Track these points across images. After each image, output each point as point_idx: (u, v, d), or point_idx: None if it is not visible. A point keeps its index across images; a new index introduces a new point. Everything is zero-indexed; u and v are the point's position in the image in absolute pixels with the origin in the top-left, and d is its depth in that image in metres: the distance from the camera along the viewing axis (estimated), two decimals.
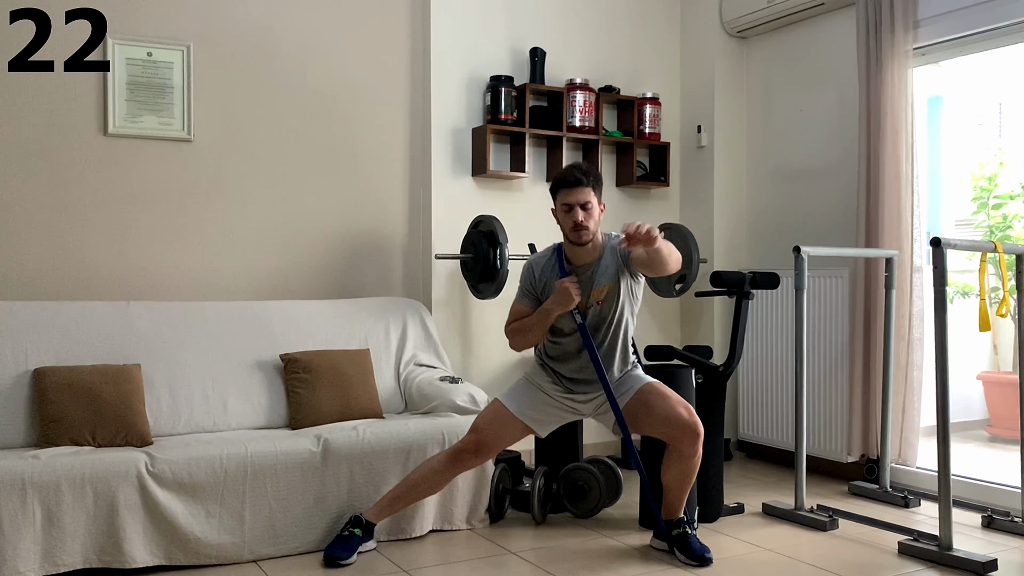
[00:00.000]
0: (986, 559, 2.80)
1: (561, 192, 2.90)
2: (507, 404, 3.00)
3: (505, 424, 2.98)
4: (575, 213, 2.87)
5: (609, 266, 2.94)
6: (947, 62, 3.92)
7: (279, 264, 3.92)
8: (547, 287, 2.96)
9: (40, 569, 2.61)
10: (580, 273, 2.94)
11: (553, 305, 2.88)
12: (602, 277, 2.93)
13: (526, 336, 2.96)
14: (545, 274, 2.98)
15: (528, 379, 3.08)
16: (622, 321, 2.99)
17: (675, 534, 2.98)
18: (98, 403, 2.96)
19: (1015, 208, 5.42)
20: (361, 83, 4.10)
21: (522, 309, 3.00)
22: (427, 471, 2.97)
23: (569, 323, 2.95)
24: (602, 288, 2.92)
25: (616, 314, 2.96)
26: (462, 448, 2.97)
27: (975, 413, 5.34)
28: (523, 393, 3.04)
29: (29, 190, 3.45)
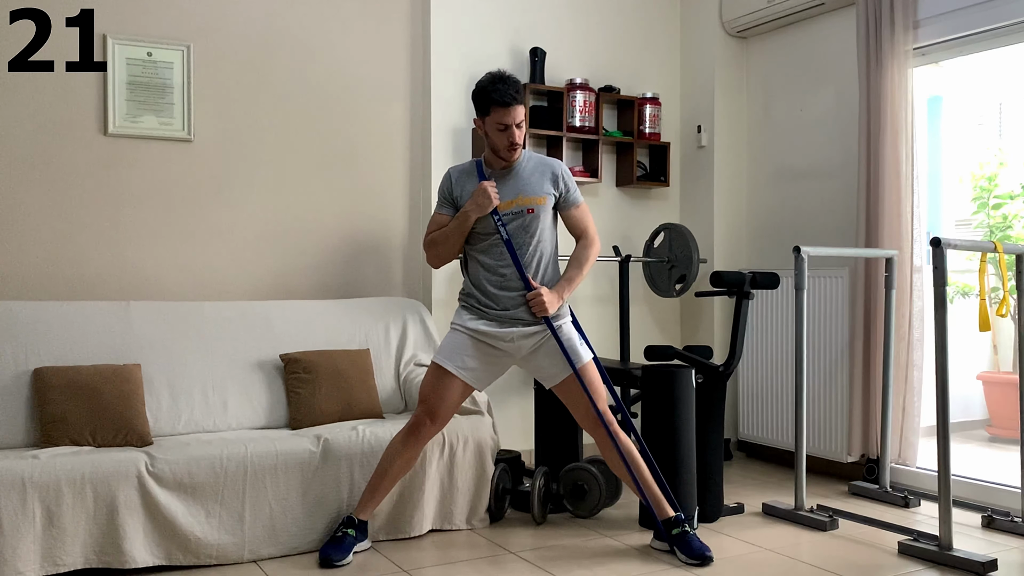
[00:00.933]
0: (986, 559, 2.80)
1: (497, 111, 2.86)
2: (442, 363, 2.96)
3: (447, 385, 2.96)
4: (511, 133, 2.88)
5: (536, 177, 2.97)
6: (947, 62, 3.92)
7: (279, 264, 3.92)
8: (465, 193, 2.97)
9: (40, 569, 2.61)
10: (499, 177, 2.97)
11: (471, 207, 2.90)
12: (527, 183, 2.95)
13: (444, 245, 2.96)
14: (462, 180, 2.99)
15: (454, 326, 3.03)
16: (546, 232, 2.99)
17: (675, 533, 2.98)
18: (98, 403, 2.96)
19: (1015, 208, 5.42)
20: (361, 83, 4.10)
21: (441, 219, 3.00)
22: (391, 454, 2.96)
23: (488, 227, 2.93)
24: (534, 198, 2.94)
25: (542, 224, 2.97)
26: (415, 422, 2.96)
27: (975, 413, 5.34)
28: (452, 344, 2.99)
29: (29, 190, 3.45)
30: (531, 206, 2.94)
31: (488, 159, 3.01)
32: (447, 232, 2.95)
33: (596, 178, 4.43)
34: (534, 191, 2.96)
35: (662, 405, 3.24)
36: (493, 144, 2.94)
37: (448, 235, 2.95)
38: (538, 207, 2.95)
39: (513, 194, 2.95)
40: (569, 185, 3.02)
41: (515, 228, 2.94)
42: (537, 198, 2.95)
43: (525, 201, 2.94)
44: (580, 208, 3.04)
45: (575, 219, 3.03)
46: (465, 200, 2.95)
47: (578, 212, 3.04)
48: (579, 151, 4.54)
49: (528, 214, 2.94)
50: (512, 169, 2.98)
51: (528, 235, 2.95)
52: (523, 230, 2.94)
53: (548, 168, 3.01)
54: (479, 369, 2.99)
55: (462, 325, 3.00)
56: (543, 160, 3.04)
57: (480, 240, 2.97)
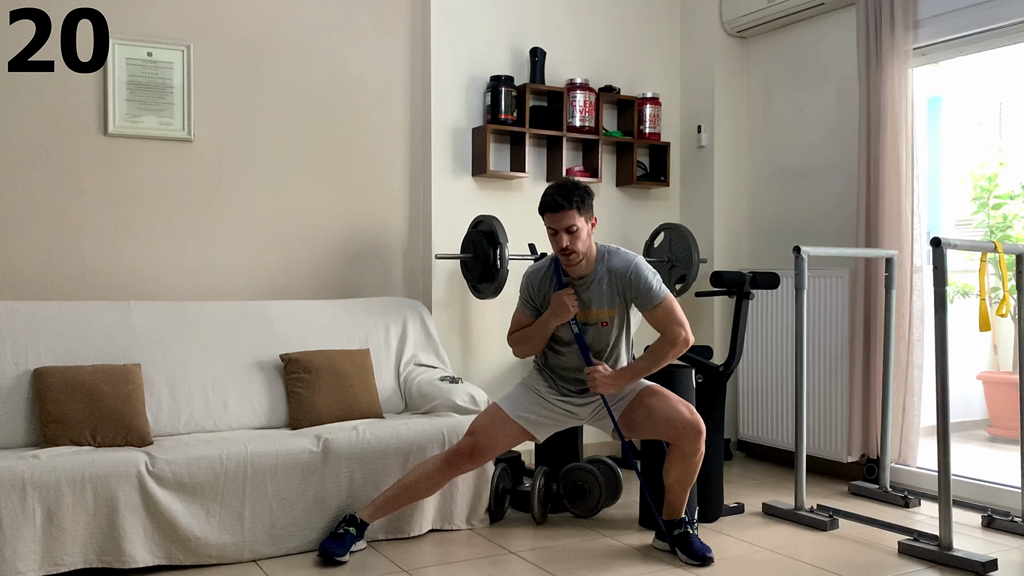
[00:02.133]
0: (986, 559, 2.80)
1: (546, 216, 2.87)
2: (504, 407, 3.01)
3: (502, 427, 2.98)
4: (560, 238, 2.85)
5: (607, 287, 2.92)
6: (947, 62, 3.92)
7: (279, 264, 3.92)
8: (545, 299, 2.98)
9: (40, 569, 2.61)
10: (577, 285, 2.95)
11: (551, 317, 2.92)
12: (600, 295, 2.92)
13: (527, 345, 3.01)
14: (543, 286, 2.99)
15: (525, 383, 3.09)
16: (620, 338, 3.00)
17: (676, 534, 2.98)
18: (98, 403, 2.96)
19: (1015, 208, 5.42)
20: (361, 83, 4.10)
21: (522, 319, 3.03)
22: (422, 473, 2.97)
23: (568, 333, 2.96)
24: (604, 311, 2.93)
25: (616, 335, 2.98)
26: (457, 451, 2.96)
27: (975, 413, 5.34)
28: (520, 397, 3.04)
29: (29, 190, 3.45)
30: (604, 320, 2.94)
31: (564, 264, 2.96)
32: (529, 335, 2.99)
33: (596, 178, 4.43)
34: (606, 303, 2.93)
35: None
36: (553, 248, 2.92)
37: (531, 338, 2.99)
38: (611, 319, 2.94)
39: (587, 305, 2.93)
40: (640, 288, 2.88)
41: (591, 336, 2.96)
42: (610, 311, 2.93)
43: (598, 315, 2.93)
44: (659, 309, 2.88)
45: (654, 320, 2.91)
46: (545, 304, 2.97)
47: (657, 313, 2.88)
48: (579, 151, 4.54)
49: (602, 327, 2.95)
50: (590, 275, 2.93)
51: (603, 343, 2.97)
52: (598, 338, 2.96)
53: (619, 276, 2.91)
54: (541, 423, 3.03)
55: (533, 386, 3.05)
56: (616, 266, 2.92)
57: (561, 343, 2.99)
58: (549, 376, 3.06)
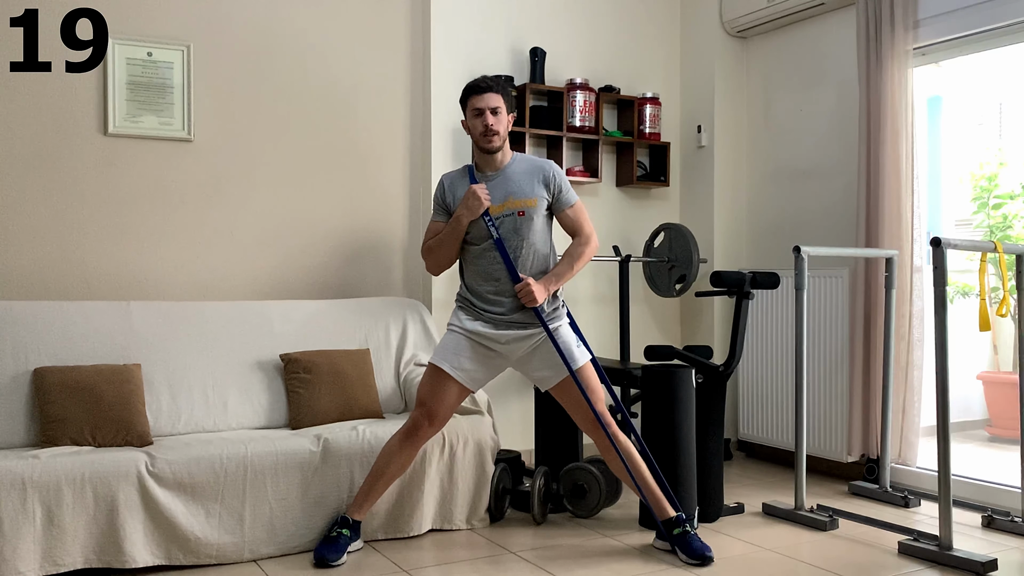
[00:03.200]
0: (986, 559, 2.80)
1: (472, 98, 2.94)
2: (438, 364, 2.96)
3: (445, 387, 2.96)
4: (485, 117, 2.92)
5: (524, 176, 2.98)
6: (947, 62, 3.92)
7: (279, 264, 3.92)
8: (457, 198, 2.99)
9: (40, 569, 2.61)
10: (490, 180, 2.98)
11: (463, 211, 2.92)
12: (518, 186, 2.96)
13: (440, 250, 2.99)
14: (455, 185, 3.02)
15: (450, 327, 3.04)
16: (540, 230, 2.99)
17: (676, 533, 2.98)
18: (98, 403, 2.96)
19: (1015, 208, 5.42)
20: (361, 83, 4.10)
21: (436, 226, 3.03)
22: (387, 455, 2.96)
23: (481, 230, 2.94)
24: (524, 200, 2.95)
25: (534, 225, 2.96)
26: (413, 425, 2.96)
27: (975, 413, 5.34)
28: (449, 345, 2.99)
29: (29, 190, 3.45)
30: (521, 208, 2.94)
31: (478, 163, 3.02)
32: (442, 238, 2.98)
33: (596, 178, 4.43)
34: (524, 193, 2.96)
35: (662, 405, 3.24)
36: (473, 135, 2.97)
37: (443, 240, 2.97)
38: (529, 209, 2.95)
39: (503, 197, 2.95)
40: (561, 186, 3.01)
41: (507, 230, 2.94)
42: (528, 200, 2.95)
43: (515, 204, 2.95)
44: (574, 208, 3.03)
45: (569, 219, 3.03)
46: (458, 205, 2.97)
47: (571, 212, 3.03)
48: (579, 151, 4.54)
49: (519, 216, 2.94)
50: (502, 171, 2.99)
51: (520, 237, 2.95)
52: (514, 232, 2.94)
53: (539, 170, 3.01)
54: (475, 370, 2.99)
55: (459, 326, 3.00)
56: (534, 162, 3.03)
57: (475, 245, 2.97)
58: (472, 307, 3.00)
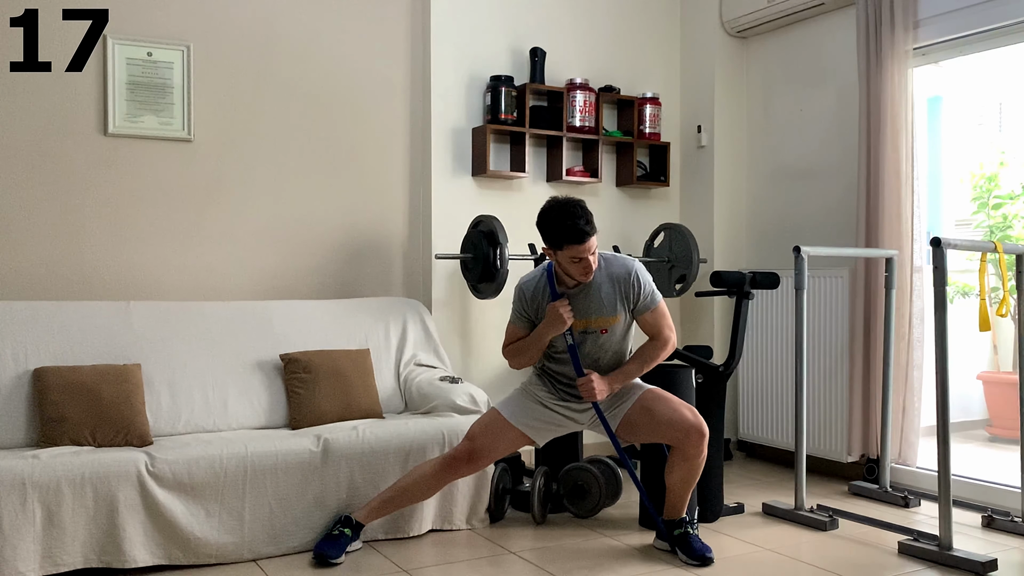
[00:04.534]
0: (986, 559, 2.80)
1: (570, 248, 2.77)
2: (503, 411, 2.99)
3: (501, 432, 2.97)
4: (586, 263, 2.80)
5: (609, 294, 2.90)
6: (947, 62, 3.92)
7: (279, 264, 3.92)
8: (540, 310, 2.94)
9: (40, 569, 2.61)
10: (571, 295, 2.92)
11: (546, 328, 2.88)
12: (600, 303, 2.90)
13: (523, 357, 2.97)
14: (536, 298, 2.94)
15: (525, 389, 3.07)
16: (623, 345, 3.00)
17: (677, 534, 2.98)
18: (98, 403, 2.96)
19: (1015, 208, 5.42)
20: (361, 83, 4.10)
21: (517, 331, 2.99)
22: (419, 476, 2.96)
23: (563, 343, 2.94)
24: (607, 319, 2.91)
25: (618, 341, 2.97)
26: (455, 455, 2.95)
27: (975, 413, 5.34)
28: (519, 402, 3.03)
29: (29, 190, 3.45)
30: (604, 327, 2.92)
31: (559, 274, 2.92)
32: (524, 347, 2.95)
33: (596, 178, 4.43)
34: (607, 311, 2.90)
35: None
36: (567, 271, 2.85)
37: (526, 350, 2.95)
38: (612, 327, 2.92)
39: (586, 313, 2.90)
40: (642, 293, 2.91)
41: (589, 345, 2.93)
42: (610, 319, 2.91)
43: (598, 323, 2.91)
44: (654, 312, 2.93)
45: (648, 323, 2.95)
46: (540, 316, 2.93)
47: (651, 316, 2.93)
48: (579, 151, 4.54)
49: (602, 334, 2.93)
50: (584, 286, 2.91)
51: (602, 350, 2.95)
52: (597, 346, 2.94)
53: (622, 282, 2.90)
54: (541, 428, 3.01)
55: (533, 392, 3.03)
56: (614, 272, 2.91)
57: (557, 352, 2.97)
58: (548, 381, 3.04)
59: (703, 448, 2.91)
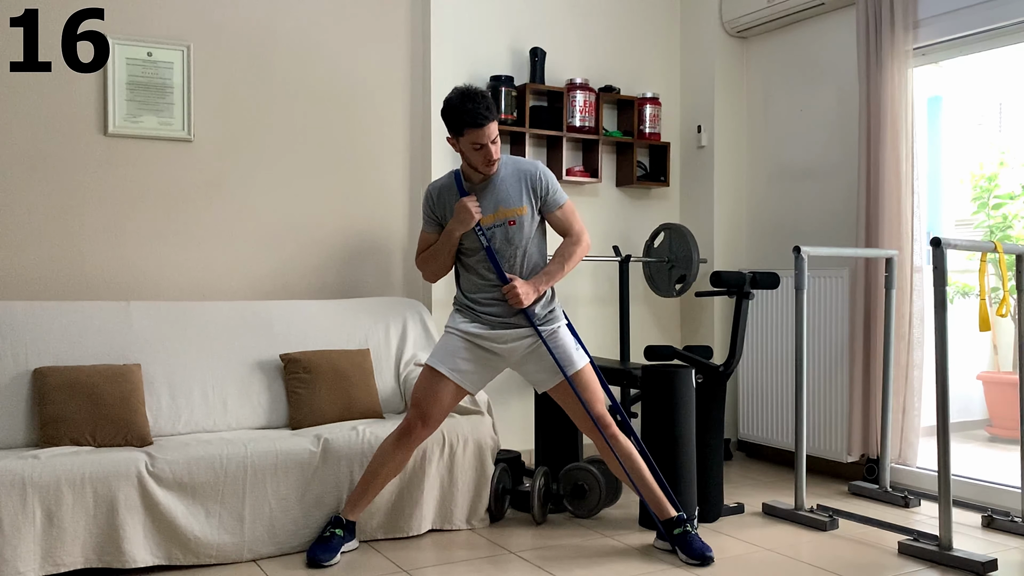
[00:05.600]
0: (986, 559, 2.80)
1: (471, 132, 2.80)
2: (435, 365, 2.96)
3: (440, 388, 2.95)
4: (487, 150, 2.84)
5: (514, 185, 2.93)
6: (947, 62, 3.92)
7: (279, 264, 3.92)
8: (448, 209, 2.96)
9: (40, 569, 2.61)
10: (479, 190, 2.94)
11: (455, 224, 2.89)
12: (506, 194, 2.92)
13: (435, 261, 2.98)
14: (443, 197, 2.97)
15: (448, 329, 3.03)
16: (533, 238, 2.97)
17: (677, 533, 2.98)
18: (98, 403, 2.96)
19: (1015, 208, 5.42)
20: (361, 83, 4.10)
21: (428, 237, 3.01)
22: (382, 456, 2.96)
23: (474, 242, 2.93)
24: (514, 209, 2.92)
25: (527, 233, 2.95)
26: (408, 426, 2.95)
27: (975, 413, 5.34)
28: (445, 347, 2.99)
29: (29, 190, 3.45)
30: (512, 218, 2.92)
31: (466, 171, 2.96)
32: (435, 250, 2.97)
33: (596, 178, 4.43)
34: (513, 202, 2.93)
35: (662, 405, 3.24)
36: (470, 161, 2.90)
37: (437, 253, 2.96)
38: (519, 217, 2.93)
39: (493, 207, 2.92)
40: (548, 187, 2.95)
41: (499, 240, 2.93)
42: (517, 209, 2.92)
43: (506, 213, 2.92)
44: (563, 209, 2.98)
45: (558, 220, 2.99)
46: (448, 216, 2.95)
47: (560, 213, 2.98)
48: (579, 151, 4.54)
49: (510, 226, 2.92)
50: (490, 180, 2.94)
51: (512, 246, 2.94)
52: (507, 241, 2.93)
53: (525, 175, 2.95)
54: (472, 372, 2.99)
55: (456, 328, 3.00)
56: (520, 166, 2.97)
57: (470, 254, 2.96)
58: (469, 310, 2.99)
59: (603, 440, 2.97)
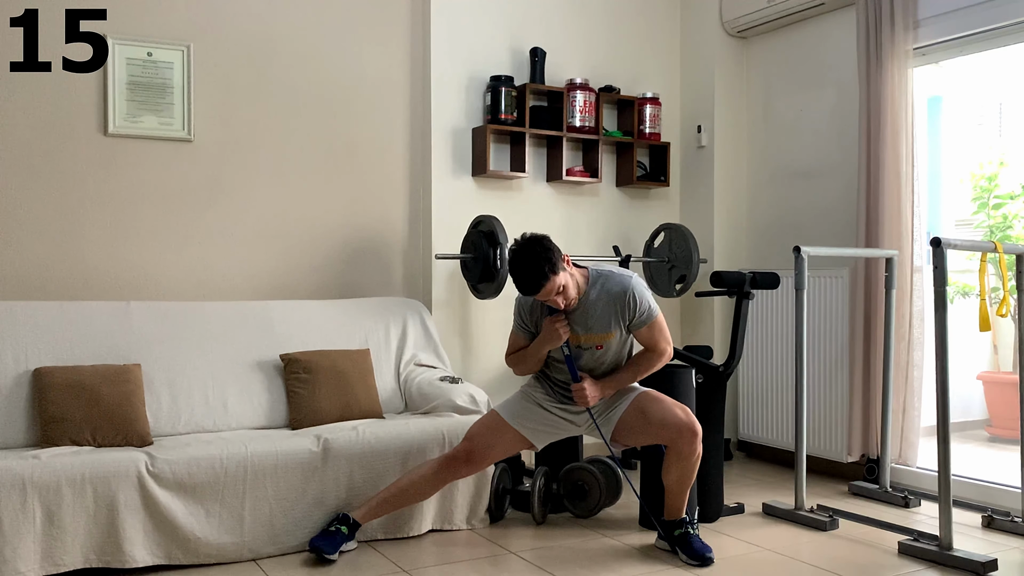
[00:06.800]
0: (986, 559, 2.80)
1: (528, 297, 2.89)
2: (502, 413, 3.02)
3: (499, 433, 3.00)
4: (554, 301, 2.84)
5: (602, 310, 2.91)
6: (947, 62, 3.92)
7: (279, 264, 3.92)
8: (538, 322, 2.99)
9: (40, 569, 2.61)
10: (568, 311, 2.94)
11: (542, 343, 2.94)
12: (596, 320, 2.91)
13: (524, 366, 3.05)
14: (535, 312, 3.00)
15: (524, 392, 3.09)
16: (618, 357, 3.01)
17: (677, 534, 2.98)
18: (98, 403, 2.96)
19: (1015, 208, 5.42)
20: (361, 83, 4.10)
21: (518, 341, 3.06)
22: (417, 477, 2.98)
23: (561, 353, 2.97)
24: (602, 335, 2.93)
25: (613, 356, 2.99)
26: (454, 456, 2.98)
27: (975, 413, 5.34)
28: (518, 403, 3.06)
29: (29, 190, 3.45)
30: (600, 343, 2.94)
31: None
32: (525, 357, 3.02)
33: (596, 178, 4.43)
34: (603, 328, 2.92)
35: None
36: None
37: (526, 359, 3.02)
38: (607, 342, 2.95)
39: (583, 329, 2.93)
40: (638, 310, 2.90)
41: (586, 359, 2.97)
42: (606, 335, 2.93)
43: (594, 339, 2.93)
44: (651, 326, 2.94)
45: (645, 337, 2.97)
46: (538, 326, 2.98)
47: (648, 331, 2.95)
48: (579, 151, 4.54)
49: (597, 349, 2.95)
50: (581, 302, 2.92)
51: (597, 362, 2.99)
52: (594, 359, 2.98)
53: (618, 300, 2.90)
54: (538, 431, 3.04)
55: (531, 393, 3.07)
56: (611, 290, 2.90)
57: (555, 361, 3.02)
58: (547, 384, 3.07)
59: (696, 446, 2.92)
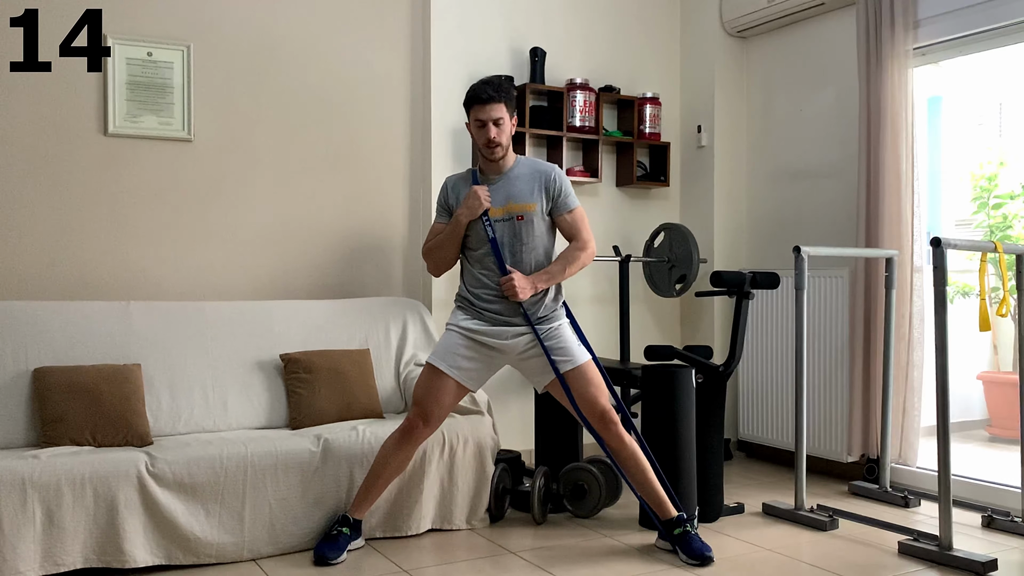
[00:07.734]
0: (986, 559, 2.80)
1: (474, 108, 2.96)
2: (436, 363, 2.97)
3: (440, 386, 2.96)
4: (488, 129, 2.93)
5: (526, 181, 2.99)
6: (947, 62, 3.92)
7: (279, 264, 3.92)
8: (460, 200, 3.02)
9: (40, 569, 2.61)
10: (492, 184, 3.00)
11: (463, 211, 2.95)
12: (518, 190, 2.97)
13: (440, 251, 3.02)
14: (458, 188, 3.05)
15: (448, 325, 3.05)
16: (540, 235, 3.00)
17: (677, 533, 2.98)
18: (98, 403, 2.96)
19: (1015, 208, 5.42)
20: (361, 83, 4.10)
21: (438, 227, 3.06)
22: (385, 456, 2.97)
23: (480, 235, 2.96)
24: (524, 205, 2.96)
25: (534, 230, 2.97)
26: (408, 425, 2.96)
27: (975, 413, 5.34)
28: (446, 344, 3.00)
29: (29, 190, 3.45)
30: (520, 212, 2.96)
31: (482, 166, 3.05)
32: (442, 238, 3.00)
33: (596, 178, 4.43)
34: (524, 198, 2.97)
35: (662, 405, 3.24)
36: (475, 140, 3.00)
37: (443, 241, 3.00)
38: (528, 213, 2.96)
39: (504, 200, 2.97)
40: (561, 190, 3.00)
41: (506, 234, 2.96)
42: (527, 204, 2.96)
43: (515, 207, 2.96)
44: (572, 214, 3.02)
45: (567, 224, 3.03)
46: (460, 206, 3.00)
47: (570, 217, 3.02)
48: (579, 151, 4.54)
49: (518, 220, 2.96)
50: (505, 175, 3.01)
51: (519, 241, 2.97)
52: (514, 236, 2.97)
53: (541, 174, 3.01)
54: (472, 369, 3.00)
55: (456, 325, 3.02)
56: (537, 166, 3.04)
57: (475, 247, 2.99)
58: (471, 305, 3.01)
59: (617, 432, 2.95)
